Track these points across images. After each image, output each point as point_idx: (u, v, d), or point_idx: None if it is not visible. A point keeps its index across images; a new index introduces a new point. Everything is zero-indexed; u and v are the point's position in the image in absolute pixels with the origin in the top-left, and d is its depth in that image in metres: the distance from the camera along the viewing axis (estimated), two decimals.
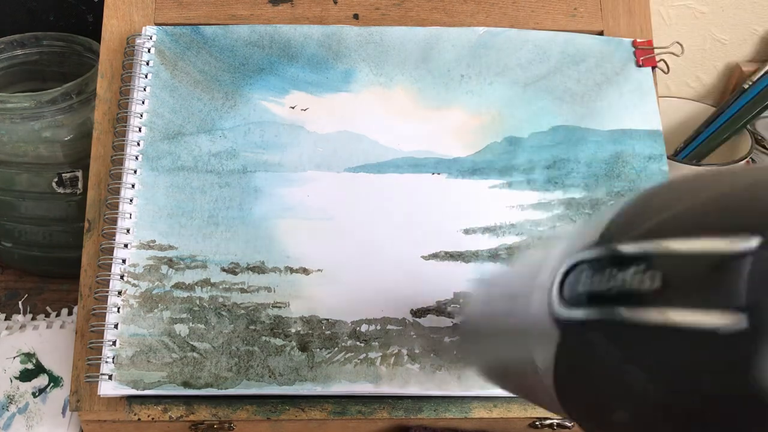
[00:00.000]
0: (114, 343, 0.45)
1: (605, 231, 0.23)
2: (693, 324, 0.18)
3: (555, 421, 0.47)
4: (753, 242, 0.18)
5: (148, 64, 0.51)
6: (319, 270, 0.47)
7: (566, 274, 0.23)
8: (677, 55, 0.53)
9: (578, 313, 0.22)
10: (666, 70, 0.53)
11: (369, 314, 0.46)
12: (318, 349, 0.45)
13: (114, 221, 0.47)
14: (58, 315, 0.58)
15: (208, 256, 0.47)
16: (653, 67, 0.53)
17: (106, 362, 0.44)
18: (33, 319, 0.57)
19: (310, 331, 0.46)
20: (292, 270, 0.47)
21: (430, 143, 0.50)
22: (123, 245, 0.47)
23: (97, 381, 0.44)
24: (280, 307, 0.46)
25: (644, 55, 0.53)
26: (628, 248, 0.21)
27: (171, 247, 0.47)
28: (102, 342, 0.45)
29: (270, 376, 0.45)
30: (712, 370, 0.18)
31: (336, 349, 0.45)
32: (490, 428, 0.48)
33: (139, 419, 0.45)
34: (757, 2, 0.72)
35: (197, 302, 0.46)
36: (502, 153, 0.50)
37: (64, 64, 0.63)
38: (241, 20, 0.53)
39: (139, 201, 0.48)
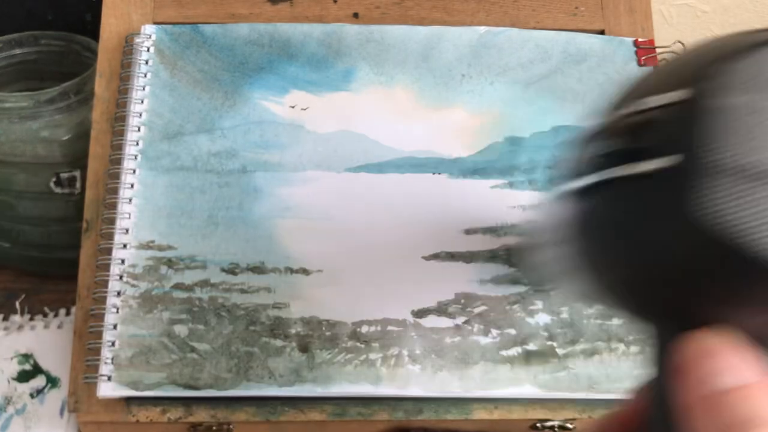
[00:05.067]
0: (113, 343, 0.44)
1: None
2: (639, 173, 0.20)
3: (556, 423, 0.46)
4: (682, 94, 0.20)
5: (147, 63, 0.50)
6: (319, 270, 0.47)
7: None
8: None
9: (577, 183, 0.23)
10: None
11: (369, 315, 0.46)
12: (318, 350, 0.45)
13: (112, 221, 0.47)
14: (56, 315, 0.58)
15: (207, 256, 0.47)
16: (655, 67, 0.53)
17: (105, 363, 0.44)
18: (31, 319, 0.57)
19: (311, 332, 0.45)
20: (292, 270, 0.47)
21: (431, 143, 0.50)
22: (122, 245, 0.46)
23: (96, 382, 0.44)
24: (280, 308, 0.46)
25: (646, 54, 0.53)
26: (603, 120, 0.23)
27: (170, 248, 0.47)
28: (101, 343, 0.44)
29: (270, 377, 0.44)
30: (657, 214, 0.20)
31: (336, 350, 0.45)
32: (491, 430, 0.47)
33: (137, 421, 0.45)
34: (758, 1, 0.72)
35: (197, 303, 0.46)
36: (504, 153, 0.50)
37: (62, 64, 0.62)
38: (241, 19, 0.53)
39: (138, 201, 0.48)
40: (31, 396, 0.51)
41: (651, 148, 0.20)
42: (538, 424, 0.47)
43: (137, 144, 0.49)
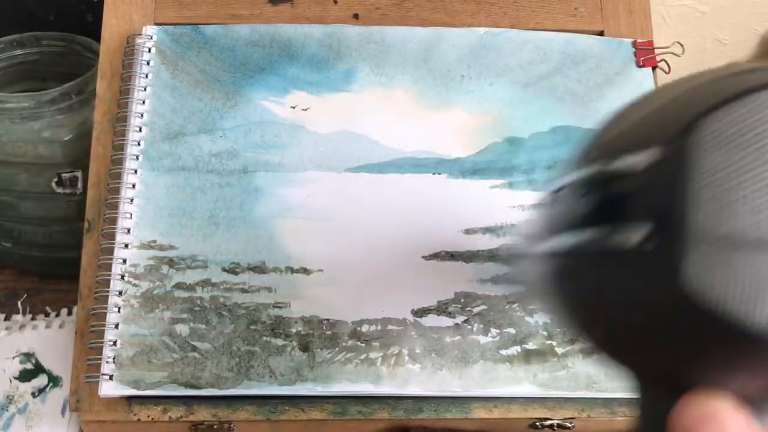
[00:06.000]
0: (114, 343, 0.45)
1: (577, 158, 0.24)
2: (615, 241, 0.19)
3: (555, 422, 0.47)
4: (657, 153, 0.18)
5: (148, 63, 0.51)
6: (319, 270, 0.47)
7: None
8: (678, 55, 0.53)
9: (553, 243, 0.22)
10: (667, 70, 0.53)
11: (370, 314, 0.46)
12: (319, 349, 0.45)
13: (114, 221, 0.47)
14: (57, 315, 0.58)
15: (208, 256, 0.47)
16: (654, 68, 0.53)
17: (107, 362, 0.44)
18: (32, 319, 0.57)
19: (311, 331, 0.45)
20: (292, 270, 0.47)
21: (431, 143, 0.50)
22: (123, 245, 0.47)
23: (98, 381, 0.44)
24: (280, 307, 0.46)
25: (645, 55, 0.53)
26: (574, 175, 0.22)
27: (172, 247, 0.47)
28: (102, 342, 0.45)
29: (271, 376, 0.44)
30: (640, 286, 0.19)
31: (337, 349, 0.45)
32: (491, 428, 0.48)
33: (138, 419, 0.45)
34: (757, 2, 0.72)
35: (198, 302, 0.46)
36: (503, 153, 0.50)
37: (64, 64, 0.62)
38: (241, 20, 0.53)
39: (140, 201, 0.48)
40: (33, 395, 0.52)
41: (628, 214, 0.19)
42: (537, 423, 0.47)
43: (139, 144, 0.49)
